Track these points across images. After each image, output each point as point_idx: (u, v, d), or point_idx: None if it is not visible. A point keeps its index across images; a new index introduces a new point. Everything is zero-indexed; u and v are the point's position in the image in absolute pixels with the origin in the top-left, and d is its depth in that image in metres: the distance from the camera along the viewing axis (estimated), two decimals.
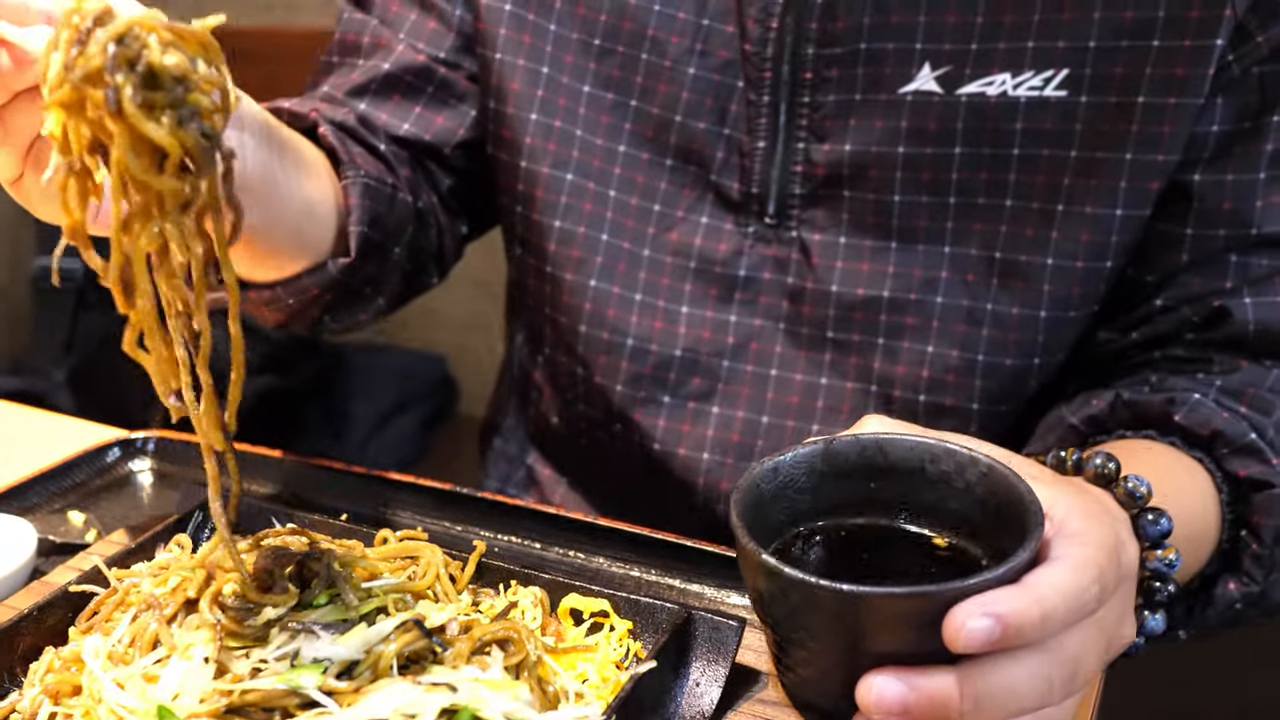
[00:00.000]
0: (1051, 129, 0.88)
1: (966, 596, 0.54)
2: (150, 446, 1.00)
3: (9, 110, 0.65)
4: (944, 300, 0.94)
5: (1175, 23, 0.84)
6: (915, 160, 0.92)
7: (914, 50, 0.90)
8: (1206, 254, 0.89)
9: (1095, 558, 0.58)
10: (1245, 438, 0.82)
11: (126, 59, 0.52)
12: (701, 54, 0.97)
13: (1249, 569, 0.83)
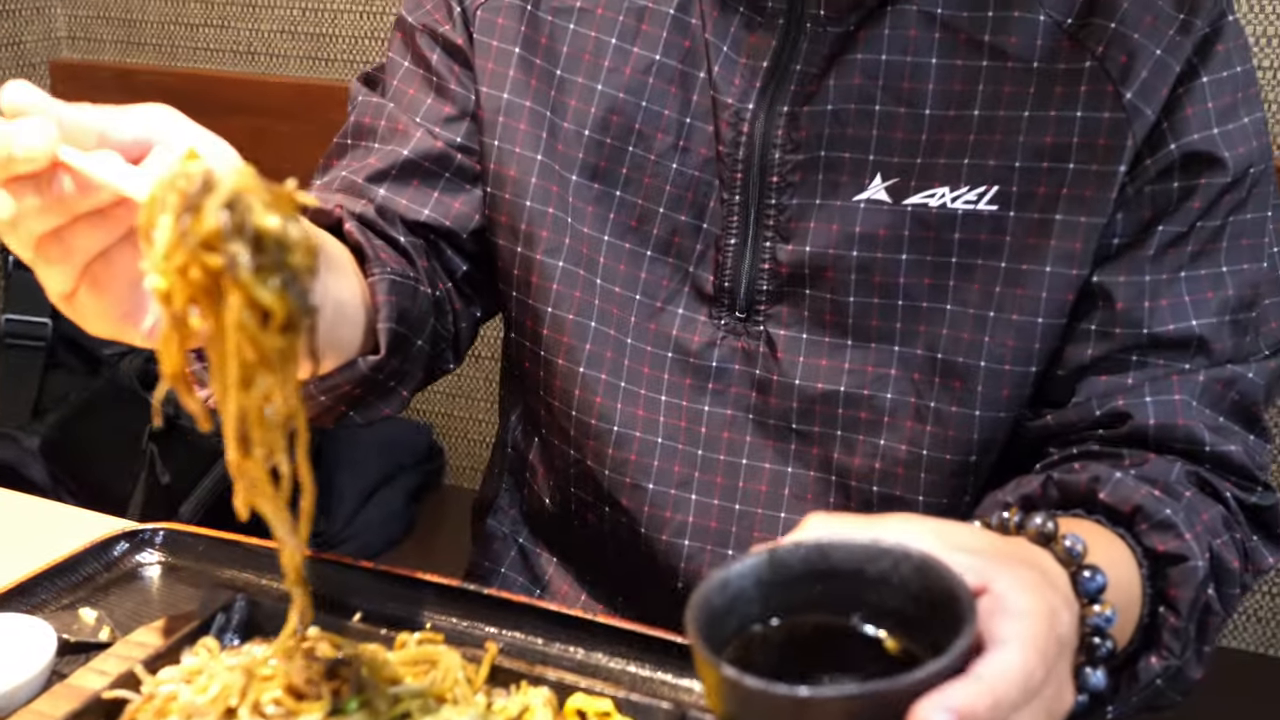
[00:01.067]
0: (985, 240, 1.01)
1: (916, 690, 0.59)
2: (158, 539, 1.03)
3: (70, 231, 0.71)
4: (893, 396, 1.05)
5: (1087, 149, 0.99)
6: (867, 264, 1.03)
7: (867, 161, 1.03)
8: (1109, 352, 1.00)
9: (1038, 636, 0.64)
10: (1162, 513, 0.90)
11: (237, 225, 0.58)
12: (684, 150, 1.08)
13: (1169, 643, 0.91)
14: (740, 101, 1.06)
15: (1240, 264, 1.02)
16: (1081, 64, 1.00)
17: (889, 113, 1.03)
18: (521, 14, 1.10)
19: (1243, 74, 1.01)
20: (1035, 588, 0.67)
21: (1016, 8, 1.02)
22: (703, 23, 1.07)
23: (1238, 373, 1.01)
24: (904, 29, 1.03)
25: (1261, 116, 1.03)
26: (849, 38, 1.04)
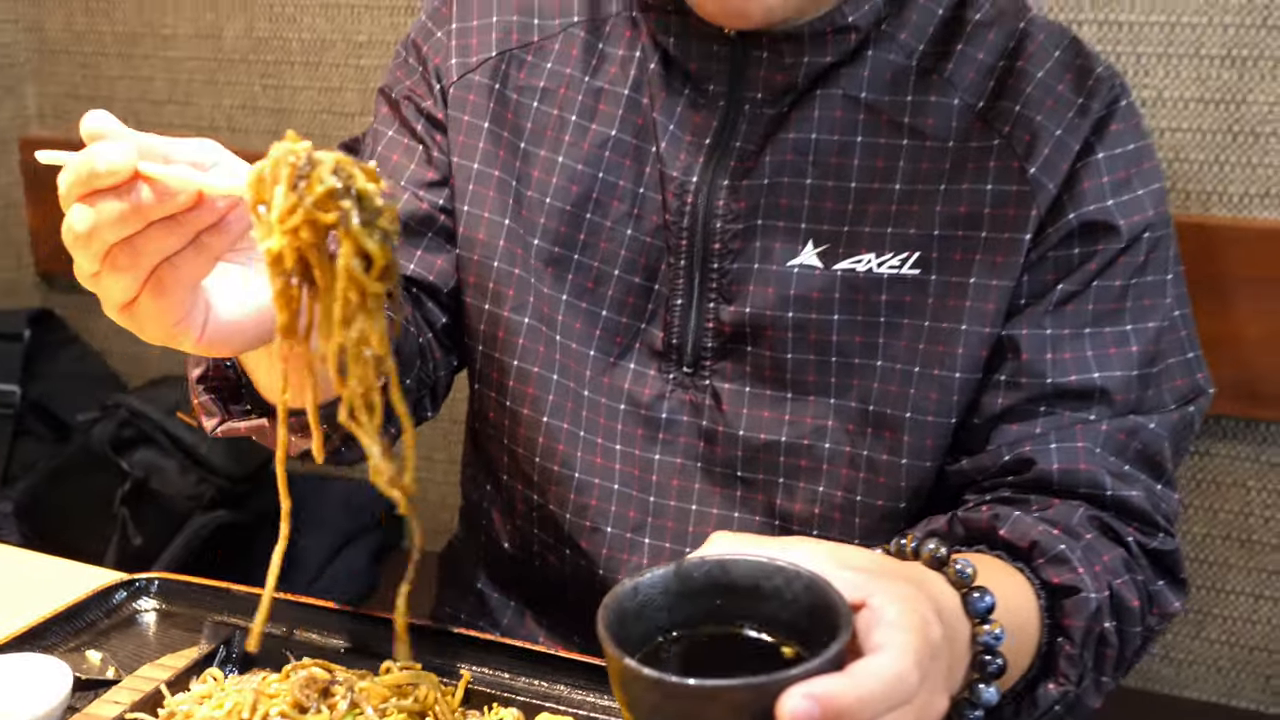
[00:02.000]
0: (908, 301, 1.09)
1: (791, 684, 0.64)
2: (154, 587, 1.13)
3: (142, 237, 0.78)
4: (830, 446, 1.11)
5: (997, 218, 1.07)
6: (802, 323, 1.11)
7: (800, 229, 1.11)
8: (1017, 402, 1.08)
9: (910, 644, 0.69)
10: (1057, 548, 0.98)
11: (345, 187, 0.68)
12: (637, 218, 1.15)
13: (1065, 670, 0.97)
14: (685, 175, 1.13)
15: (1144, 322, 1.09)
16: (991, 142, 1.09)
17: (819, 186, 1.11)
18: (490, 92, 1.18)
19: (1135, 150, 1.10)
20: (909, 600, 0.73)
21: (933, 93, 1.11)
22: (652, 103, 1.15)
23: (1140, 423, 1.07)
24: (831, 111, 1.11)
25: (1159, 188, 1.11)
26: (783, 118, 1.11)
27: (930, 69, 1.11)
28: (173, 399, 2.24)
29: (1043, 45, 1.11)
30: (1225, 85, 1.79)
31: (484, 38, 1.20)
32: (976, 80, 1.11)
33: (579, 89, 1.18)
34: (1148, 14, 1.80)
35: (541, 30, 1.19)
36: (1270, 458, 1.88)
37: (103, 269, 0.80)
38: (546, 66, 1.19)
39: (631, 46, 1.17)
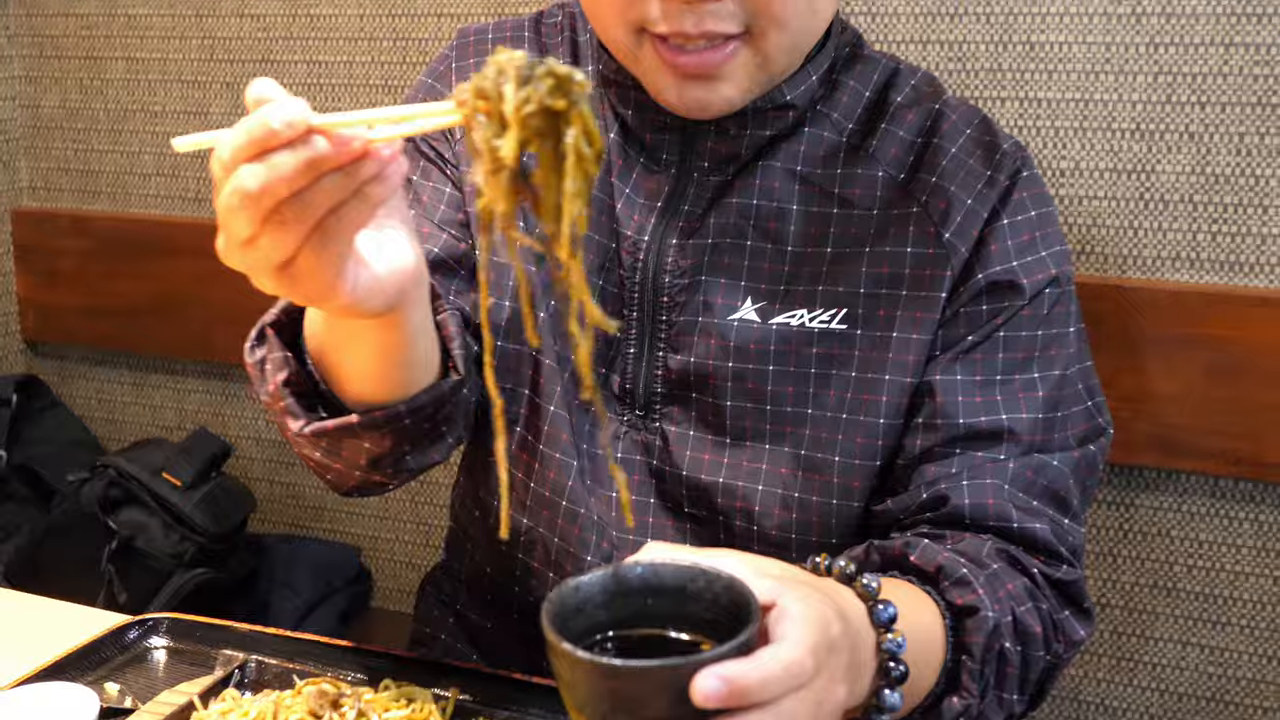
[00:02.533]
0: (837, 354, 1.17)
1: (704, 665, 0.72)
2: (163, 626, 1.20)
3: (311, 190, 0.79)
4: (764, 488, 1.18)
5: (916, 278, 1.16)
6: (741, 374, 1.18)
7: (739, 286, 1.19)
8: (933, 444, 1.15)
9: (809, 637, 0.77)
10: (960, 572, 1.04)
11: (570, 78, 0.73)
12: (606, 270, 1.23)
13: (967, 684, 1.03)
14: (638, 234, 1.20)
15: (1048, 370, 1.17)
16: (910, 210, 1.17)
17: (758, 247, 1.19)
18: None
19: (1037, 216, 1.18)
20: (813, 601, 0.80)
21: (860, 166, 1.19)
22: (610, 167, 1.23)
23: (1045, 461, 1.14)
24: (771, 181, 1.19)
25: (1060, 249, 1.20)
26: (727, 185, 1.19)
27: (858, 145, 1.20)
28: (158, 459, 2.28)
29: (955, 124, 1.20)
30: (1136, 157, 1.85)
31: None
32: (898, 155, 1.20)
33: None
34: (1064, 91, 1.86)
35: None
36: (1190, 508, 1.92)
37: (264, 230, 0.80)
38: None
39: (605, 117, 1.24)
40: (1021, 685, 1.09)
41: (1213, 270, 1.86)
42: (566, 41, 1.30)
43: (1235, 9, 1.77)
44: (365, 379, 1.05)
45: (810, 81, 1.19)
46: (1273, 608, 1.92)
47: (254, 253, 0.83)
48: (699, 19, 1.06)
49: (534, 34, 1.31)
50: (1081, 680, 2.04)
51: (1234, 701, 1.96)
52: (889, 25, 1.95)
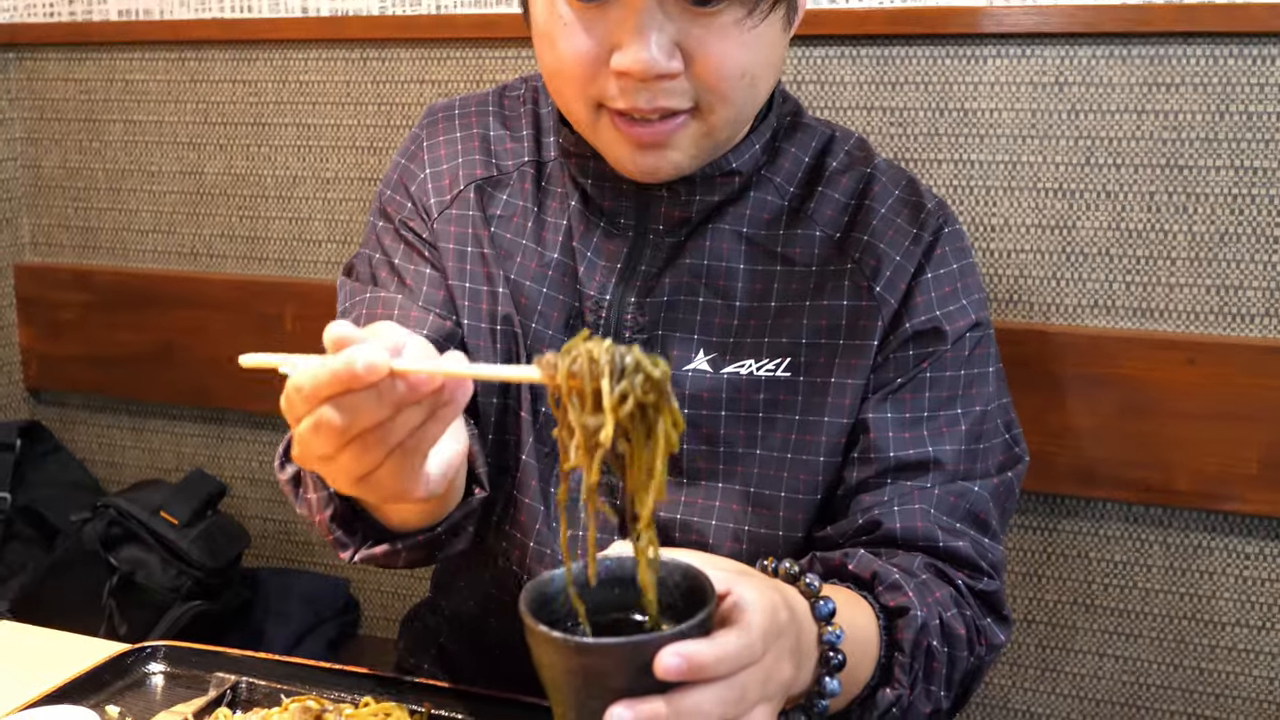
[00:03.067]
0: (783, 399, 1.20)
1: (666, 643, 0.75)
2: (160, 654, 1.22)
3: (392, 421, 0.82)
4: (717, 523, 1.21)
5: (851, 328, 1.20)
6: (695, 419, 1.20)
7: (693, 339, 1.22)
8: (868, 476, 1.18)
9: (759, 621, 0.81)
10: (892, 578, 1.09)
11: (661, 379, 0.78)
12: (570, 326, 1.24)
13: (899, 677, 1.07)
14: (600, 293, 1.22)
15: (970, 407, 1.21)
16: (845, 266, 1.21)
17: (709, 303, 1.21)
18: (467, 220, 1.27)
19: (958, 269, 1.22)
20: (764, 591, 0.85)
21: (800, 227, 1.22)
22: (573, 232, 1.25)
23: (967, 488, 1.18)
24: (720, 242, 1.22)
25: (979, 297, 1.24)
26: (680, 246, 1.22)
27: (798, 208, 1.23)
28: (157, 499, 2.31)
29: (885, 186, 1.24)
30: (1058, 214, 1.90)
31: (454, 177, 1.29)
32: (834, 216, 1.23)
33: (530, 218, 1.27)
34: (994, 154, 1.91)
35: (500, 168, 1.29)
36: (1107, 531, 1.97)
37: (345, 450, 0.83)
38: (504, 198, 1.28)
39: (565, 185, 1.27)
40: (948, 681, 1.14)
41: (1126, 317, 1.91)
42: (529, 114, 1.32)
43: (1148, 79, 1.83)
44: (408, 519, 1.08)
45: (754, 150, 1.22)
46: (1180, 622, 1.97)
47: (333, 466, 0.86)
48: (652, 96, 1.09)
49: (498, 107, 1.33)
50: (1010, 689, 2.09)
51: (1145, 706, 2.01)
52: (837, 93, 2.00)
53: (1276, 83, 1.78)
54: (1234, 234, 1.84)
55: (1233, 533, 1.92)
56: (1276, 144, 1.80)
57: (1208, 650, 1.97)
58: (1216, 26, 1.78)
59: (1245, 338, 1.86)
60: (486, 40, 2.24)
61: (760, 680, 0.83)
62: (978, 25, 1.89)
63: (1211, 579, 1.95)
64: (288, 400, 0.85)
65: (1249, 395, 1.84)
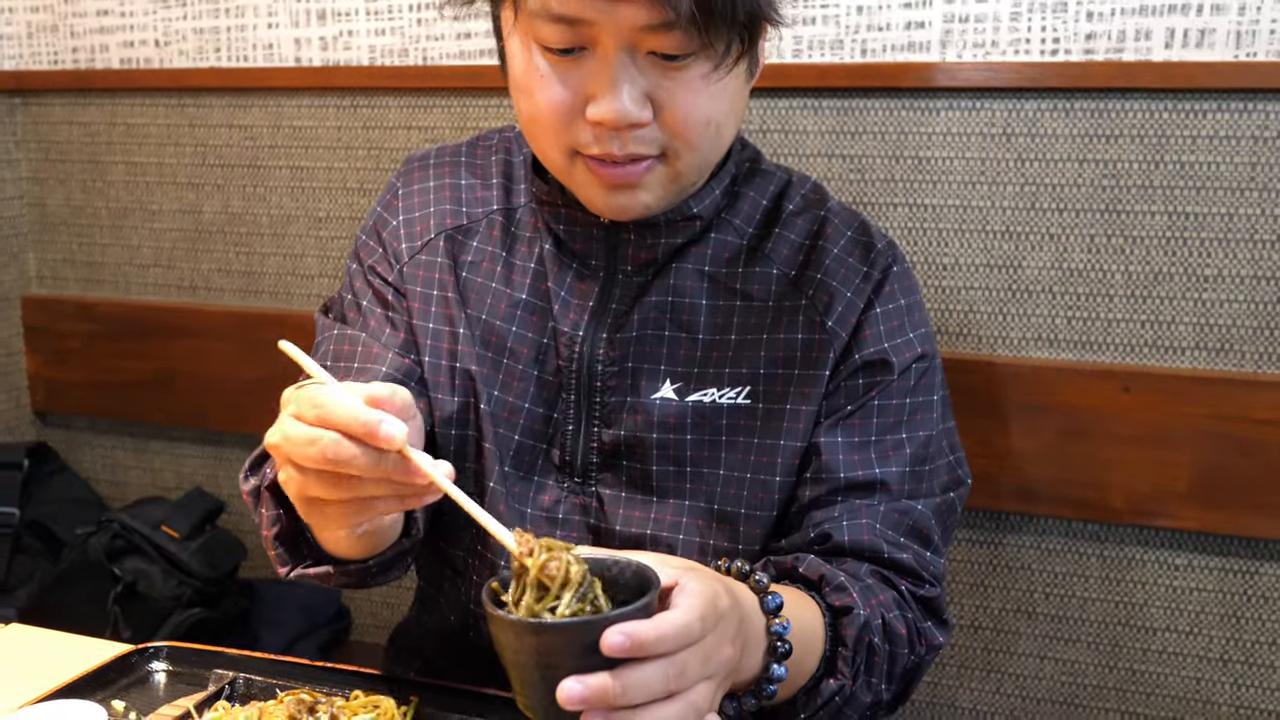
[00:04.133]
0: (743, 424, 1.21)
1: (611, 624, 0.79)
2: (163, 653, 1.22)
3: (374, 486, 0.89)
4: (684, 538, 1.22)
5: (805, 360, 1.21)
6: (663, 443, 1.21)
7: (660, 370, 1.22)
8: (820, 494, 1.20)
9: (698, 605, 0.84)
10: (838, 579, 1.11)
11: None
12: (541, 362, 1.24)
13: (842, 669, 1.09)
14: (573, 330, 1.22)
15: (915, 432, 1.22)
16: (799, 302, 1.21)
17: (675, 337, 1.22)
18: (435, 266, 1.27)
19: (905, 305, 1.23)
20: (706, 580, 0.88)
21: (758, 265, 1.23)
22: (547, 274, 1.24)
23: (911, 506, 1.20)
24: (684, 280, 1.22)
25: (925, 331, 1.24)
26: (647, 285, 1.22)
27: (756, 247, 1.24)
28: (157, 515, 2.31)
29: (838, 228, 1.25)
30: (1005, 254, 1.92)
31: (425, 224, 1.29)
32: (789, 255, 1.24)
33: (498, 263, 1.27)
34: (946, 199, 1.94)
35: (469, 216, 1.29)
36: (1047, 545, 2.00)
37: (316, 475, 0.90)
38: (473, 245, 1.28)
39: (535, 230, 1.27)
40: (888, 675, 1.15)
41: (1067, 349, 1.94)
42: (500, 163, 1.32)
43: (1089, 131, 1.86)
44: (343, 550, 1.11)
45: (714, 195, 1.22)
46: (1114, 627, 2.00)
47: (297, 477, 0.91)
48: (624, 143, 1.09)
49: (469, 158, 1.34)
50: (957, 689, 2.11)
51: (1082, 705, 2.04)
52: (800, 141, 2.02)
53: (1207, 135, 1.82)
54: (1167, 273, 1.88)
55: (1163, 546, 1.95)
56: (1207, 191, 1.83)
57: (1140, 653, 2.00)
58: (1152, 83, 1.81)
59: (1176, 368, 1.89)
60: (470, 90, 2.25)
61: (700, 659, 0.85)
62: (932, 80, 1.92)
63: (1144, 588, 1.98)
64: (298, 403, 0.90)
65: (1179, 421, 1.87)
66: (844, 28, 1.96)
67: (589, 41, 1.07)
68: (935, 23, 1.91)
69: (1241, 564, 1.92)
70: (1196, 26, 1.79)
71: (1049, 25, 1.85)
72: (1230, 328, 1.86)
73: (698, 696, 0.85)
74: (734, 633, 0.91)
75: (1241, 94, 1.79)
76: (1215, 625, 1.95)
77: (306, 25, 2.34)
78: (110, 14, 2.50)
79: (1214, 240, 1.84)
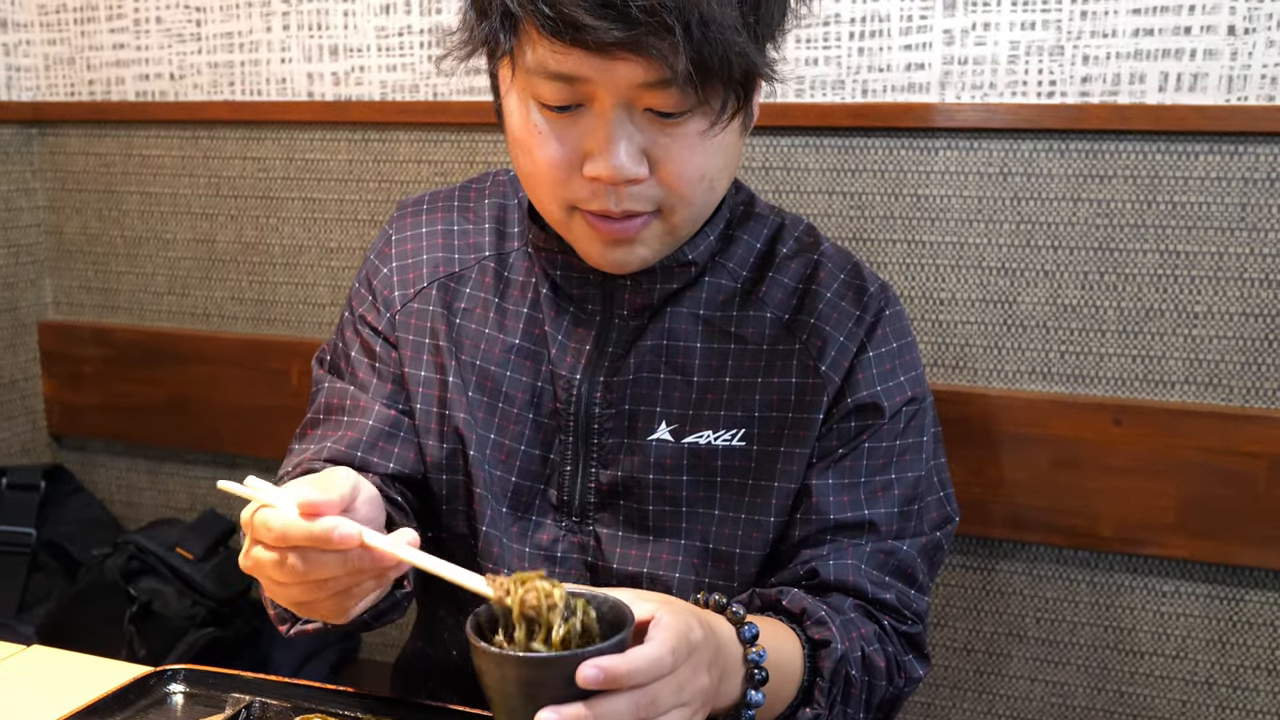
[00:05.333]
0: (737, 465, 1.20)
1: (586, 658, 0.81)
2: (180, 676, 1.21)
3: (348, 578, 0.91)
4: (680, 576, 1.21)
5: (799, 403, 1.19)
6: (659, 484, 1.20)
7: (655, 412, 1.21)
8: (809, 533, 1.19)
9: (671, 639, 0.85)
10: (819, 614, 1.11)
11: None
12: (536, 405, 1.23)
13: (818, 698, 1.09)
14: (571, 374, 1.21)
15: (905, 473, 1.21)
16: (793, 346, 1.20)
17: (670, 380, 1.20)
18: (428, 314, 1.25)
19: (897, 348, 1.22)
20: (679, 614, 0.89)
21: (752, 309, 1.21)
22: (544, 319, 1.23)
23: (897, 546, 1.19)
24: (679, 324, 1.21)
25: (916, 373, 1.23)
26: (643, 329, 1.21)
27: (750, 291, 1.22)
28: (172, 537, 2.30)
29: (831, 271, 1.23)
30: (1001, 290, 1.93)
31: (418, 273, 1.27)
32: (783, 299, 1.22)
33: (491, 308, 1.25)
34: (943, 236, 1.94)
35: (461, 264, 1.28)
36: (1038, 571, 2.00)
37: (296, 586, 0.92)
38: (466, 291, 1.26)
39: (528, 275, 1.26)
40: (866, 705, 1.15)
41: (1060, 382, 1.94)
42: (493, 207, 1.31)
43: (1083, 171, 1.87)
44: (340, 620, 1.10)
45: (709, 240, 1.21)
46: (1103, 651, 2.00)
47: (283, 591, 0.94)
48: (620, 199, 1.08)
49: (462, 202, 1.33)
50: (951, 710, 2.10)
51: None
52: (802, 178, 2.02)
53: (1199, 176, 1.83)
54: (1158, 310, 1.88)
55: (1152, 573, 1.96)
56: (1198, 230, 1.84)
57: (1128, 676, 2.00)
58: (1146, 126, 1.82)
59: (1166, 402, 1.89)
60: (478, 125, 2.25)
61: (673, 689, 0.86)
62: (930, 120, 1.92)
63: (1132, 614, 1.98)
64: (254, 530, 0.92)
65: (1168, 453, 1.87)
66: (845, 69, 1.97)
67: (586, 98, 1.06)
68: (935, 64, 1.92)
69: (1227, 591, 1.92)
70: (1190, 71, 1.80)
71: (1045, 68, 1.86)
72: (1219, 363, 1.87)
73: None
74: (708, 661, 0.92)
75: (1233, 136, 1.80)
76: (1201, 650, 1.95)
77: (319, 60, 2.35)
78: (126, 48, 2.51)
79: (1204, 278, 1.85)
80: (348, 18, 2.32)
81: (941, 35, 1.91)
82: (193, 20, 2.44)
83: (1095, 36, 1.84)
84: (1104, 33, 1.83)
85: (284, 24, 2.37)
